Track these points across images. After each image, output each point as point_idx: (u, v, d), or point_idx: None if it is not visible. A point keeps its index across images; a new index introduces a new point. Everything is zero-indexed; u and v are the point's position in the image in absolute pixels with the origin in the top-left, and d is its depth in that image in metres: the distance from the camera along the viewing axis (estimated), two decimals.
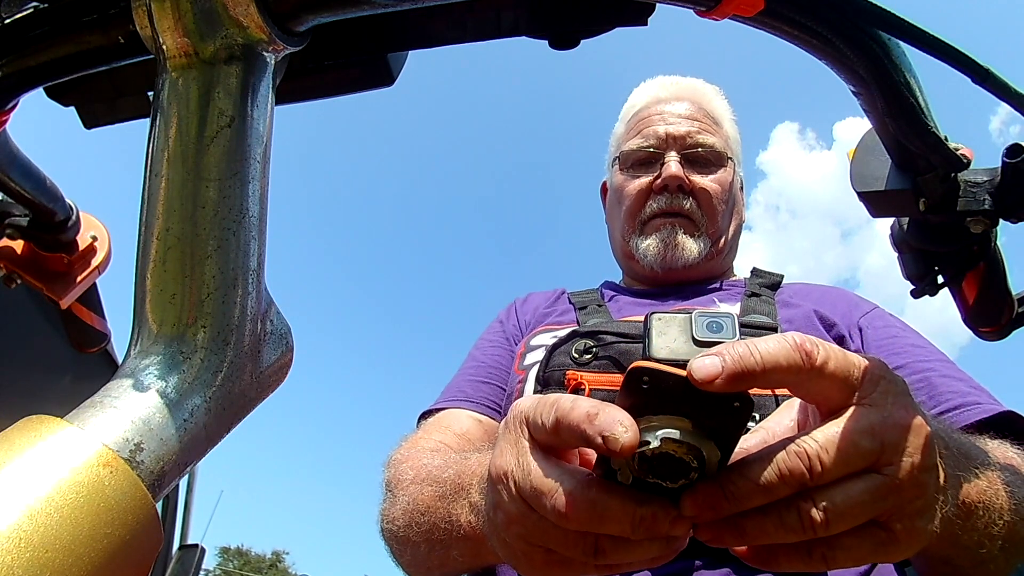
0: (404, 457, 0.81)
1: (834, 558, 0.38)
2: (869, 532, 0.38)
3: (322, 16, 0.38)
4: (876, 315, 0.92)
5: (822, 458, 0.36)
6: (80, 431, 0.29)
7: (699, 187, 1.04)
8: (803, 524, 0.36)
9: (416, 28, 0.46)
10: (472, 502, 0.61)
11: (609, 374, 0.72)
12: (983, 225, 0.46)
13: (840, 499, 0.36)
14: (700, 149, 1.05)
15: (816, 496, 0.36)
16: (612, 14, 0.42)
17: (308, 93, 0.48)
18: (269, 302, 0.38)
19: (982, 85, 0.40)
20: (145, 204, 0.35)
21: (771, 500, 0.37)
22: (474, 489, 0.61)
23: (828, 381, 0.37)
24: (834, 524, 0.36)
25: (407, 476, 0.75)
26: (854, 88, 0.43)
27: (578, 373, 0.72)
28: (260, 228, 0.36)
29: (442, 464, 0.70)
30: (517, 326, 1.02)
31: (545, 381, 0.74)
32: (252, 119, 0.36)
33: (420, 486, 0.72)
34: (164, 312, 0.34)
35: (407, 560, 0.77)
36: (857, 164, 0.50)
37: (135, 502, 0.28)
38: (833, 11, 0.39)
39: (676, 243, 1.01)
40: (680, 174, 1.02)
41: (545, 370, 0.75)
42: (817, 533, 0.36)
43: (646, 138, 1.07)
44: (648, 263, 1.04)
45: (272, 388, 0.38)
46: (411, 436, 0.88)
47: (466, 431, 0.87)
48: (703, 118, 1.08)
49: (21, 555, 0.24)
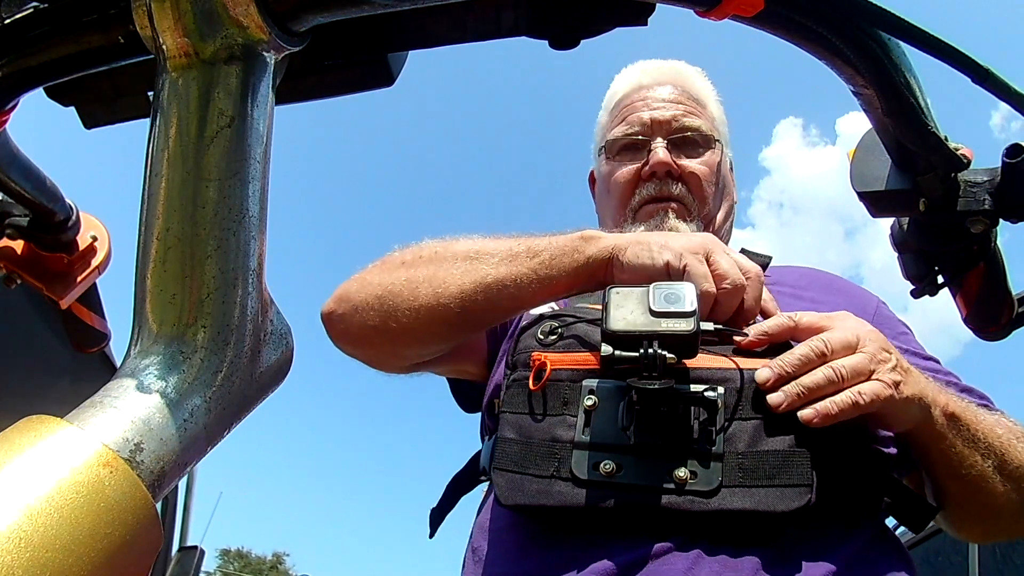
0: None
1: (861, 395, 0.61)
2: (870, 381, 0.63)
3: (322, 16, 0.38)
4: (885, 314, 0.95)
5: (831, 343, 0.65)
6: (80, 431, 0.29)
7: (688, 171, 1.03)
8: (836, 375, 0.62)
9: (416, 28, 0.46)
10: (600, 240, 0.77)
11: (573, 353, 0.74)
12: (983, 225, 0.47)
13: (847, 362, 0.63)
14: (686, 133, 1.05)
15: (834, 362, 0.63)
16: (612, 14, 0.42)
17: (308, 93, 0.48)
18: (269, 302, 0.38)
19: (982, 85, 0.40)
20: (145, 204, 0.35)
21: (812, 367, 0.63)
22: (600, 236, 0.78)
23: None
24: (849, 376, 0.62)
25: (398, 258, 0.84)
26: (854, 88, 0.43)
27: (542, 354, 0.73)
28: (260, 228, 0.36)
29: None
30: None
31: (513, 365, 0.76)
32: (252, 119, 0.36)
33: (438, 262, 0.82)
34: (164, 312, 0.34)
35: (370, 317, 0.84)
36: (857, 164, 0.50)
37: (135, 502, 0.28)
38: (833, 11, 0.39)
39: (670, 228, 1.00)
40: (668, 160, 1.02)
41: (513, 354, 0.77)
42: (844, 381, 0.62)
43: (631, 125, 1.07)
44: None
45: (272, 388, 0.38)
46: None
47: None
48: (687, 101, 1.07)
49: (21, 555, 0.24)
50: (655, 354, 0.62)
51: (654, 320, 0.64)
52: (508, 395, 0.74)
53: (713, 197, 1.05)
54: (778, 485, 0.62)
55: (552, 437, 0.68)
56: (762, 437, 0.65)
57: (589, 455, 0.65)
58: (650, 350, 0.62)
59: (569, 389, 0.70)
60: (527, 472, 0.67)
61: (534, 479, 0.66)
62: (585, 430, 0.67)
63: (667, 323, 0.64)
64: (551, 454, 0.67)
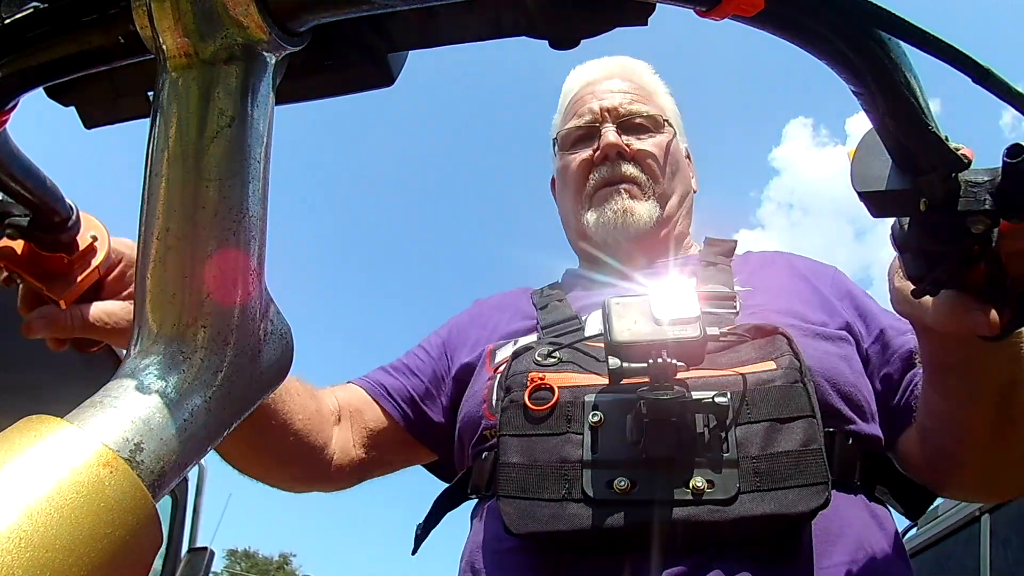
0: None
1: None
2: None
3: (322, 16, 0.38)
4: (843, 282, 0.95)
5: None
6: (80, 431, 0.29)
7: (638, 150, 1.03)
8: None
9: (416, 28, 0.46)
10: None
11: (573, 374, 0.72)
12: (984, 225, 0.46)
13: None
14: (635, 118, 1.05)
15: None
16: (612, 14, 0.42)
17: (308, 93, 0.48)
18: (269, 302, 0.38)
19: (982, 85, 0.40)
20: (145, 204, 0.35)
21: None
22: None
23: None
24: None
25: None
26: (855, 88, 0.43)
27: (542, 373, 0.72)
28: (260, 228, 0.36)
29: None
30: (467, 332, 1.02)
31: (508, 387, 0.74)
32: (252, 119, 0.36)
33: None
34: (164, 312, 0.34)
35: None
36: (858, 164, 0.50)
37: (135, 502, 0.28)
38: (833, 11, 0.39)
39: (625, 209, 1.00)
40: (617, 140, 1.02)
41: (508, 376, 0.75)
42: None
43: (581, 116, 1.08)
44: (602, 236, 1.03)
45: (272, 388, 0.38)
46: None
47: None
48: (634, 90, 1.08)
49: (21, 555, 0.24)
50: (665, 363, 0.61)
51: (660, 328, 0.63)
52: (505, 418, 0.71)
53: (668, 178, 1.05)
54: (795, 486, 0.61)
55: (560, 458, 0.66)
56: (774, 439, 0.64)
57: (601, 473, 0.63)
58: (659, 359, 0.61)
59: (572, 407, 0.68)
60: (537, 497, 0.65)
61: (544, 504, 0.64)
62: (594, 447, 0.65)
63: (673, 330, 0.63)
64: (560, 475, 0.65)
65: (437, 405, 0.97)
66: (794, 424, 0.64)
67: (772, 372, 0.68)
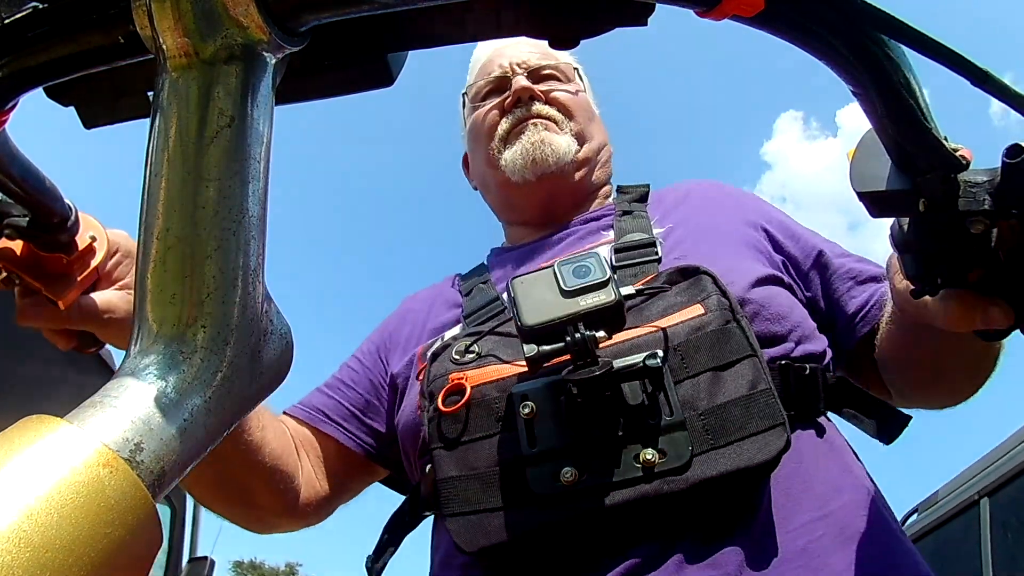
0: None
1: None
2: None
3: (322, 16, 0.38)
4: (764, 209, 0.93)
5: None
6: (80, 431, 0.29)
7: (551, 94, 1.01)
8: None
9: (416, 28, 0.46)
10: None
11: (495, 366, 0.67)
12: (983, 225, 0.46)
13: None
14: (545, 69, 1.03)
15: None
16: (612, 14, 0.42)
17: (308, 93, 0.48)
18: (269, 302, 0.38)
19: (981, 87, 0.40)
20: (145, 204, 0.35)
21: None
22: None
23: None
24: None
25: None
26: (854, 89, 0.43)
27: (461, 373, 0.67)
28: (260, 228, 0.36)
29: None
30: (398, 333, 0.96)
31: (430, 395, 0.68)
32: (252, 119, 0.36)
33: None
34: (164, 312, 0.34)
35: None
36: (857, 164, 0.50)
37: (135, 502, 0.28)
38: (833, 13, 0.39)
39: (542, 139, 0.96)
40: (529, 84, 0.99)
41: (428, 383, 0.70)
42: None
43: (491, 71, 1.05)
44: (520, 174, 0.96)
45: (272, 388, 0.38)
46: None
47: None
48: (544, 50, 1.05)
49: (21, 555, 0.24)
50: (584, 337, 0.56)
51: (570, 301, 0.57)
52: (432, 428, 0.66)
53: (584, 121, 1.02)
54: (751, 434, 0.57)
55: (497, 460, 0.61)
56: (719, 389, 0.59)
57: (544, 468, 0.58)
58: (577, 335, 0.56)
59: (499, 403, 0.63)
60: (483, 509, 0.60)
61: (491, 514, 0.59)
62: (531, 442, 0.59)
63: (586, 299, 0.57)
64: (501, 479, 0.60)
65: (380, 416, 0.90)
66: (737, 367, 0.60)
67: (702, 317, 0.64)
